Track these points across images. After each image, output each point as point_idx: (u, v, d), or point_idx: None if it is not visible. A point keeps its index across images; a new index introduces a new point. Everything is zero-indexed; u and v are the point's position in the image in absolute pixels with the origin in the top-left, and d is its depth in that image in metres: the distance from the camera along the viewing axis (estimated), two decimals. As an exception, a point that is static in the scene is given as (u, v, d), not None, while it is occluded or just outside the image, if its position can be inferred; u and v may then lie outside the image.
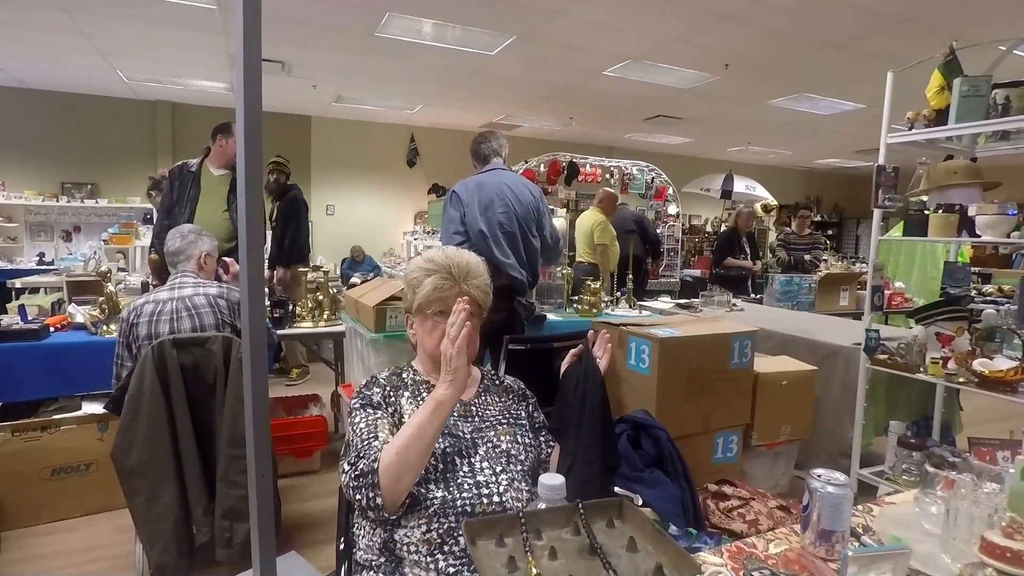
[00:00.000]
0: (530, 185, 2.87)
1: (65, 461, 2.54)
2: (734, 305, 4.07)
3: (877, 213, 2.61)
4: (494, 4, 4.21)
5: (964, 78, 2.28)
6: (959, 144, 2.71)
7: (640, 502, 1.59)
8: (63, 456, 2.53)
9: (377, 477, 1.02)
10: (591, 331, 1.54)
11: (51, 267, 6.50)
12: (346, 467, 1.07)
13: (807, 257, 5.44)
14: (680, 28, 4.58)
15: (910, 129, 2.49)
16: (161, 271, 2.92)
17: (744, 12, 4.22)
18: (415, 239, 8.06)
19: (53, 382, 2.56)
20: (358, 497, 1.04)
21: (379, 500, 1.02)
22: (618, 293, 3.93)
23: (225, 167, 3.35)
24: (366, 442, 1.08)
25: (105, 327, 2.68)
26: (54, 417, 2.57)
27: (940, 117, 2.40)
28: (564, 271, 3.60)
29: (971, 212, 2.32)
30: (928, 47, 2.64)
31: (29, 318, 2.70)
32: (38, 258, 7.11)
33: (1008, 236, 2.25)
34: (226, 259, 2.69)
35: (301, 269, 3.50)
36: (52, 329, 2.69)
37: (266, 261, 4.37)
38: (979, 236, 2.30)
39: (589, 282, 3.56)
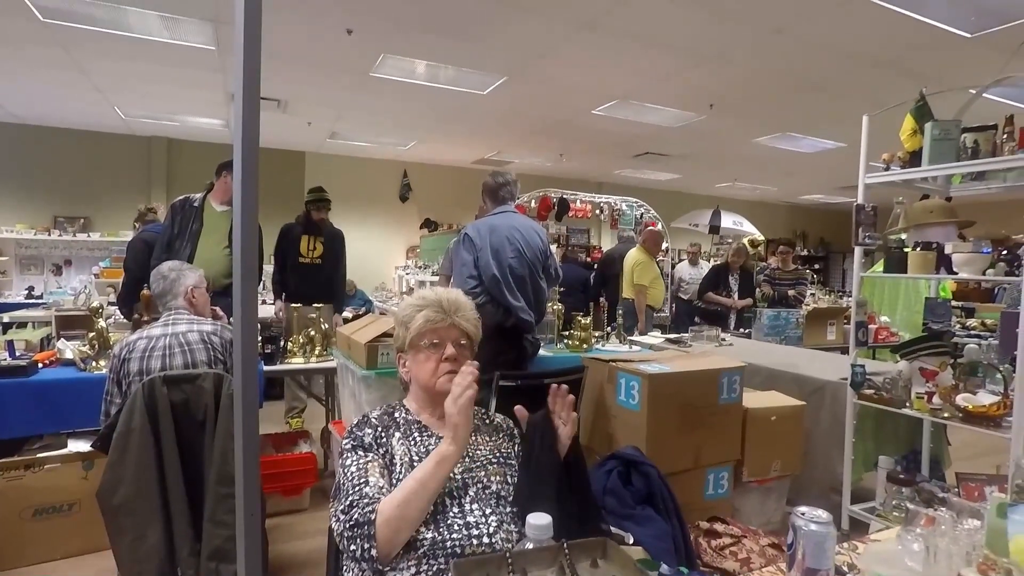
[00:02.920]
0: (538, 228, 2.94)
1: (48, 501, 2.49)
2: (723, 340, 4.11)
3: (858, 250, 2.68)
4: (485, 45, 4.35)
5: (935, 122, 2.39)
6: (934, 184, 2.81)
7: (631, 540, 1.59)
8: (46, 496, 2.48)
9: (374, 528, 1.03)
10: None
11: (40, 301, 6.45)
12: (340, 515, 1.08)
13: (791, 292, 5.50)
14: (666, 69, 4.75)
15: (886, 170, 2.59)
16: (151, 307, 2.91)
17: (728, 54, 4.39)
18: (407, 273, 8.09)
19: (40, 419, 2.52)
20: (352, 548, 1.05)
21: (374, 552, 1.03)
22: (608, 328, 3.95)
23: (228, 203, 3.39)
24: (357, 488, 1.10)
25: (94, 363, 2.66)
26: (38, 455, 2.53)
27: (914, 158, 2.49)
28: (555, 307, 3.63)
29: (948, 250, 2.40)
30: (906, 89, 2.75)
31: (17, 353, 2.67)
32: (27, 292, 7.04)
33: (983, 273, 2.32)
34: (215, 307, 2.67)
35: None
36: (40, 365, 2.66)
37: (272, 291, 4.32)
38: (956, 273, 2.37)
39: (580, 317, 3.58)
